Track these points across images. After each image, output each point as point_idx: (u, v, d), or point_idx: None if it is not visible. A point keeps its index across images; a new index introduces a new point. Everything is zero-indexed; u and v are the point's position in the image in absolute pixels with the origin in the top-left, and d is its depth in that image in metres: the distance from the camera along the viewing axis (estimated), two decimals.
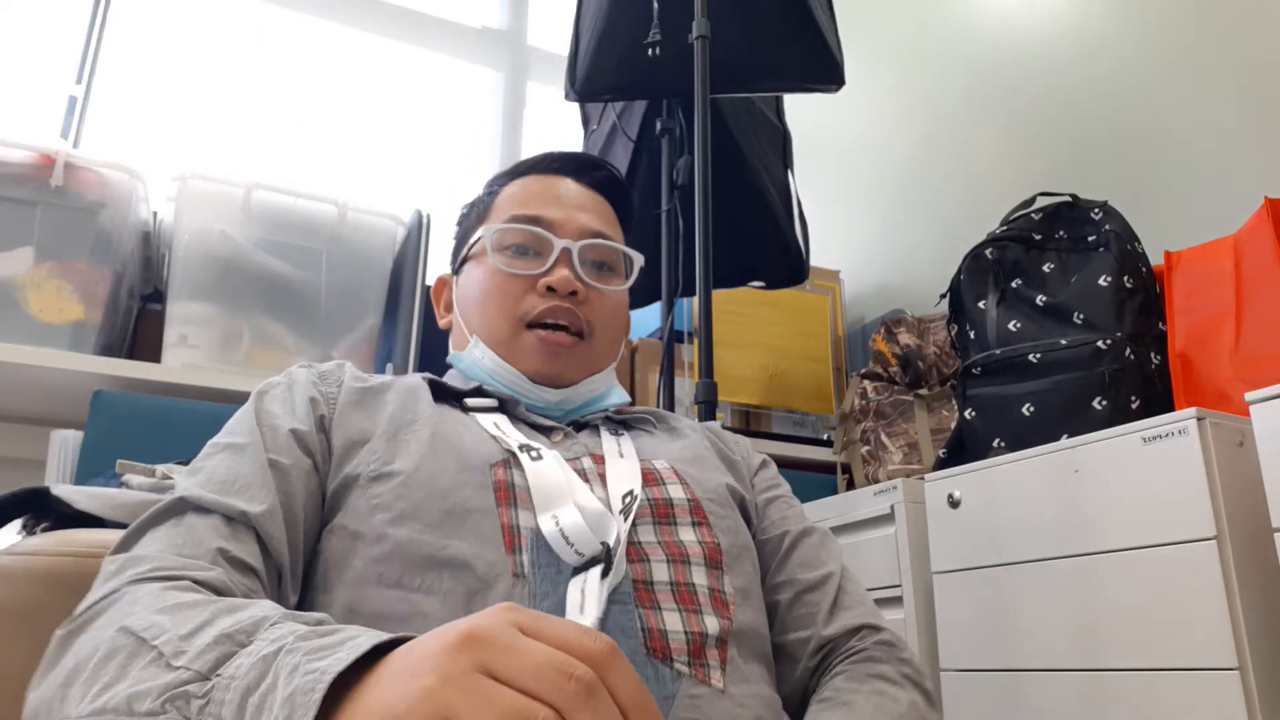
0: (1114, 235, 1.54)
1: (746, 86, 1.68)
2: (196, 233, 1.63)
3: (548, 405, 0.84)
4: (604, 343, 0.88)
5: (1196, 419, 1.14)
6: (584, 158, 0.96)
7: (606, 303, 0.88)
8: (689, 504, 0.77)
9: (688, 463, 0.82)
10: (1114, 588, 1.18)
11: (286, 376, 0.80)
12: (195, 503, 0.66)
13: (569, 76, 1.70)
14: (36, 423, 1.66)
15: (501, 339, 0.84)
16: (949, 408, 1.93)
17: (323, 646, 0.44)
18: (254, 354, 1.63)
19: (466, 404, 0.82)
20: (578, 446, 0.80)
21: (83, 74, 2.04)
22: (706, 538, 0.75)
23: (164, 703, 0.46)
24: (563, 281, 0.83)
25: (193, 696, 0.46)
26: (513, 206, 0.89)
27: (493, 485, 0.70)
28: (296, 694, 0.41)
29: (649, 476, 0.78)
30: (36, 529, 0.80)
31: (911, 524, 1.52)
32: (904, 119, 2.56)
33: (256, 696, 0.44)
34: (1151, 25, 1.91)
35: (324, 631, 0.46)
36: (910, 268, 2.43)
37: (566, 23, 1.72)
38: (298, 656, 0.44)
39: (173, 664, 0.48)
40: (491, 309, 0.85)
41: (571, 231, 0.87)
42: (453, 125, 2.64)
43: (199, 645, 0.48)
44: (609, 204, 0.95)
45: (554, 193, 0.90)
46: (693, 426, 0.93)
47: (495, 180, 0.96)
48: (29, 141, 1.55)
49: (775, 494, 0.90)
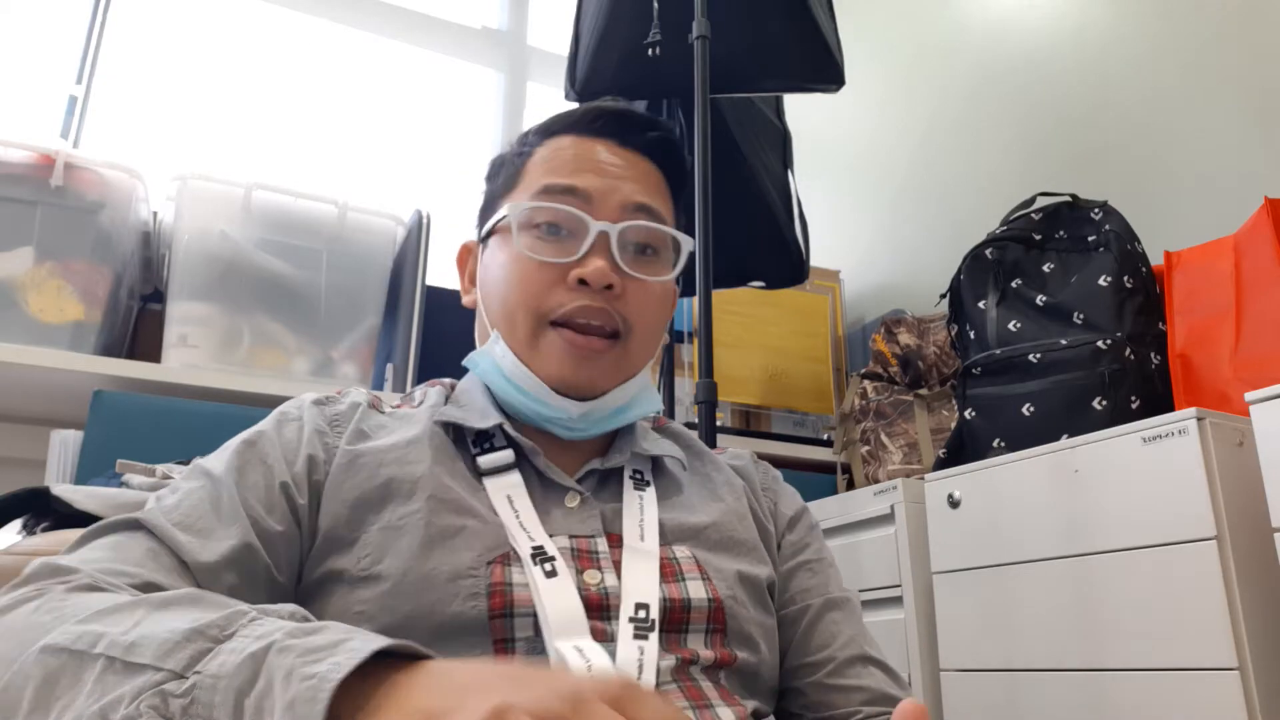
0: (1114, 235, 1.54)
1: (746, 86, 1.67)
2: (196, 233, 1.63)
3: (570, 419, 0.74)
4: (641, 343, 0.76)
5: (1196, 419, 1.14)
6: (631, 115, 0.81)
7: (648, 295, 0.76)
8: (708, 606, 0.69)
9: (714, 546, 0.74)
10: (1114, 588, 1.18)
11: (298, 411, 0.73)
12: (149, 527, 0.61)
13: (569, 76, 1.70)
14: (36, 423, 1.66)
15: (523, 338, 0.74)
16: (949, 408, 1.93)
17: (316, 647, 0.42)
18: (254, 354, 1.63)
19: (480, 465, 0.72)
20: (592, 520, 0.71)
21: (83, 74, 2.04)
22: (720, 650, 0.69)
23: (139, 704, 0.42)
24: (597, 274, 0.72)
25: (170, 695, 0.42)
26: (545, 174, 0.77)
27: (486, 591, 0.63)
28: (297, 703, 0.39)
29: (667, 570, 0.70)
30: (36, 529, 0.80)
31: (911, 524, 1.52)
32: (904, 119, 2.56)
33: (253, 699, 0.41)
34: (1152, 26, 1.91)
35: (311, 629, 0.44)
36: (910, 268, 2.43)
37: (566, 23, 1.72)
38: (291, 658, 0.42)
39: (133, 663, 0.44)
40: (514, 302, 0.74)
41: (612, 208, 0.75)
42: (453, 125, 2.64)
43: (159, 641, 0.45)
44: (660, 171, 0.81)
45: (593, 159, 0.77)
46: (729, 479, 0.82)
47: (529, 136, 0.82)
48: (29, 141, 1.55)
49: (800, 560, 0.82)
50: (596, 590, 0.66)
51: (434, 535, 0.65)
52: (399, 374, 1.70)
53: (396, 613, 0.62)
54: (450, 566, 0.64)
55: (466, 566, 0.64)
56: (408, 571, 0.63)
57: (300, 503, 0.67)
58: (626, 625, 0.64)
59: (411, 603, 0.62)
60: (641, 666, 0.62)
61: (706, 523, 0.75)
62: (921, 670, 1.44)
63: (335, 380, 1.69)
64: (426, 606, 0.62)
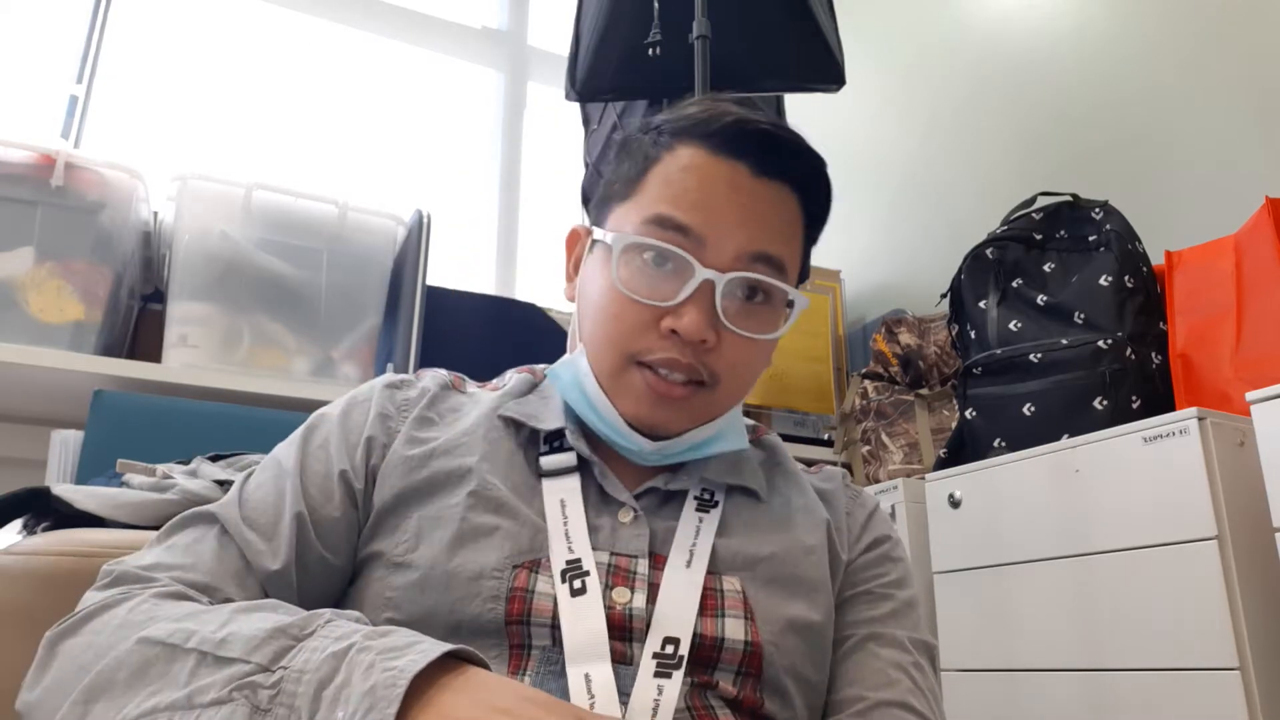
0: (1115, 235, 1.54)
1: (747, 86, 1.67)
2: (197, 233, 1.63)
3: (643, 452, 0.70)
4: (729, 393, 0.71)
5: (1197, 419, 1.14)
6: (775, 137, 0.71)
7: (744, 350, 0.69)
8: (744, 650, 0.64)
9: (770, 583, 0.68)
10: (1114, 588, 1.18)
11: (368, 394, 0.74)
12: (224, 523, 0.66)
13: (569, 76, 1.70)
14: (37, 423, 1.66)
15: (607, 370, 0.69)
16: (949, 408, 1.93)
17: (394, 647, 0.49)
18: (254, 354, 1.63)
19: (541, 465, 0.70)
20: (639, 539, 0.68)
21: (83, 74, 2.04)
22: (748, 693, 0.64)
23: (231, 691, 0.49)
24: (691, 328, 0.65)
25: (259, 686, 0.49)
26: (660, 199, 0.69)
27: (506, 595, 0.62)
28: (378, 688, 0.46)
29: (708, 602, 0.65)
30: (37, 529, 0.80)
31: (912, 524, 1.52)
32: (904, 119, 2.56)
33: (332, 689, 0.47)
34: (1152, 26, 1.91)
35: (383, 633, 0.51)
36: (911, 268, 2.43)
37: (567, 23, 1.72)
38: (372, 655, 0.48)
39: (223, 657, 0.50)
40: (603, 334, 0.69)
41: (726, 254, 0.67)
42: (453, 125, 2.64)
43: (246, 638, 0.51)
44: (797, 202, 0.72)
45: (719, 190, 0.69)
46: (809, 505, 0.76)
47: (661, 132, 0.73)
48: (29, 141, 1.55)
49: (862, 588, 0.74)
50: (622, 610, 0.63)
51: (466, 532, 0.65)
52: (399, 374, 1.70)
53: (418, 605, 0.63)
54: (475, 566, 0.64)
55: (491, 568, 0.63)
56: (435, 565, 0.64)
57: (358, 488, 0.69)
58: (649, 661, 0.61)
59: (434, 597, 0.63)
60: (657, 710, 0.59)
61: (767, 554, 0.70)
62: None
63: (335, 380, 1.69)
64: (447, 604, 0.63)
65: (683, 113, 0.73)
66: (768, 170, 0.70)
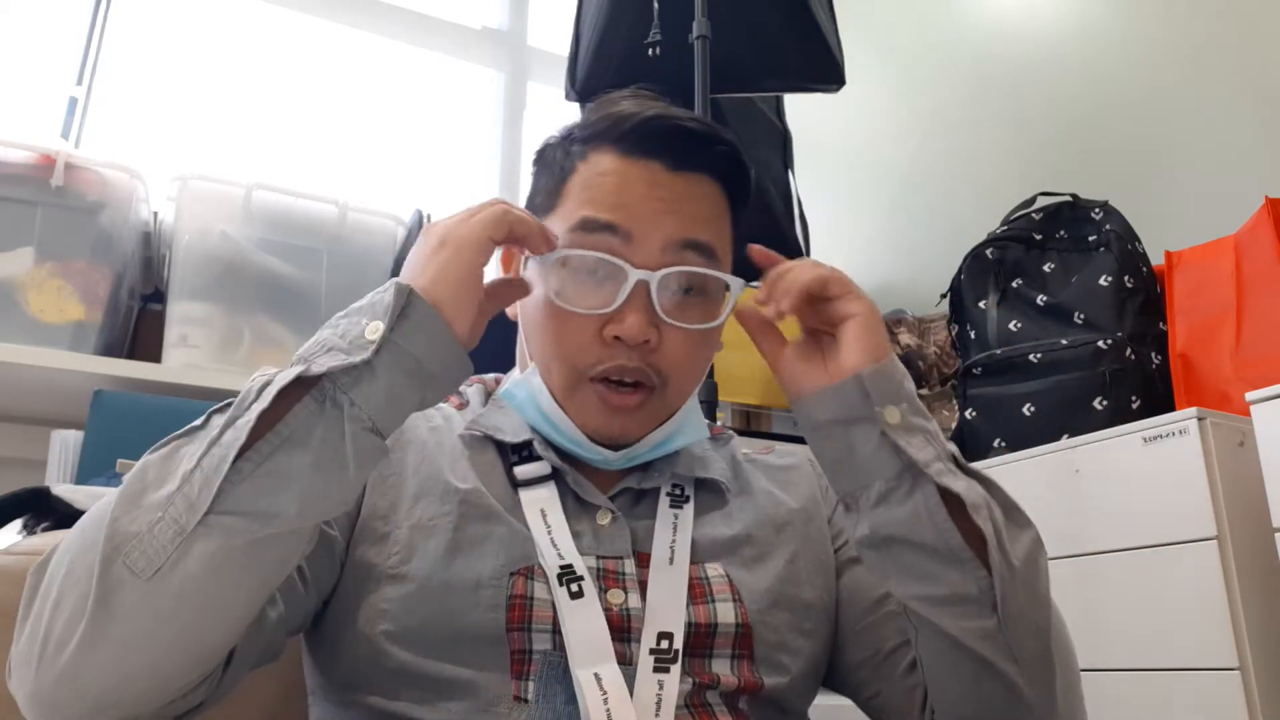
0: (1115, 235, 1.54)
1: (747, 86, 1.67)
2: (197, 233, 1.63)
3: (608, 460, 0.72)
4: (678, 389, 0.72)
5: (1197, 419, 1.14)
6: (684, 132, 0.71)
7: (688, 343, 0.70)
8: (735, 631, 0.67)
9: (749, 562, 0.71)
10: (1114, 588, 1.18)
11: None
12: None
13: (569, 76, 1.70)
14: (36, 423, 1.66)
15: (559, 387, 0.70)
16: (949, 408, 1.93)
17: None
18: (254, 354, 1.63)
19: (516, 475, 0.71)
20: (621, 540, 0.69)
21: (83, 74, 2.04)
22: (745, 675, 0.66)
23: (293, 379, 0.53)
24: (633, 331, 0.66)
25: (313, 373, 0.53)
26: (582, 204, 0.70)
27: (506, 603, 0.63)
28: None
29: (696, 590, 0.67)
30: (37, 529, 0.80)
31: None
32: (904, 119, 2.56)
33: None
34: (1153, 26, 1.91)
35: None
36: (910, 268, 2.43)
37: (567, 23, 1.72)
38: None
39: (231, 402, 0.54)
40: (550, 352, 0.70)
41: (654, 248, 0.68)
42: (453, 125, 2.63)
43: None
44: (719, 189, 0.73)
45: (637, 189, 0.69)
46: (781, 483, 0.79)
47: (573, 141, 0.74)
48: (29, 141, 1.55)
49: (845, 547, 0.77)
50: (619, 611, 0.65)
51: (460, 541, 0.66)
52: None
53: (415, 616, 0.63)
54: (473, 575, 0.64)
55: (489, 576, 0.64)
56: (431, 575, 0.64)
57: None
58: (647, 657, 0.63)
59: (431, 607, 0.63)
60: (660, 703, 0.61)
61: (744, 536, 0.73)
62: None
63: None
64: (446, 613, 0.63)
65: (592, 118, 0.74)
66: (683, 164, 0.71)
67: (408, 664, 0.62)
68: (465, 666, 0.62)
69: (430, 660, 0.62)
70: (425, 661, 0.62)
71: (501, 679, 0.62)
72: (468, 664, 0.62)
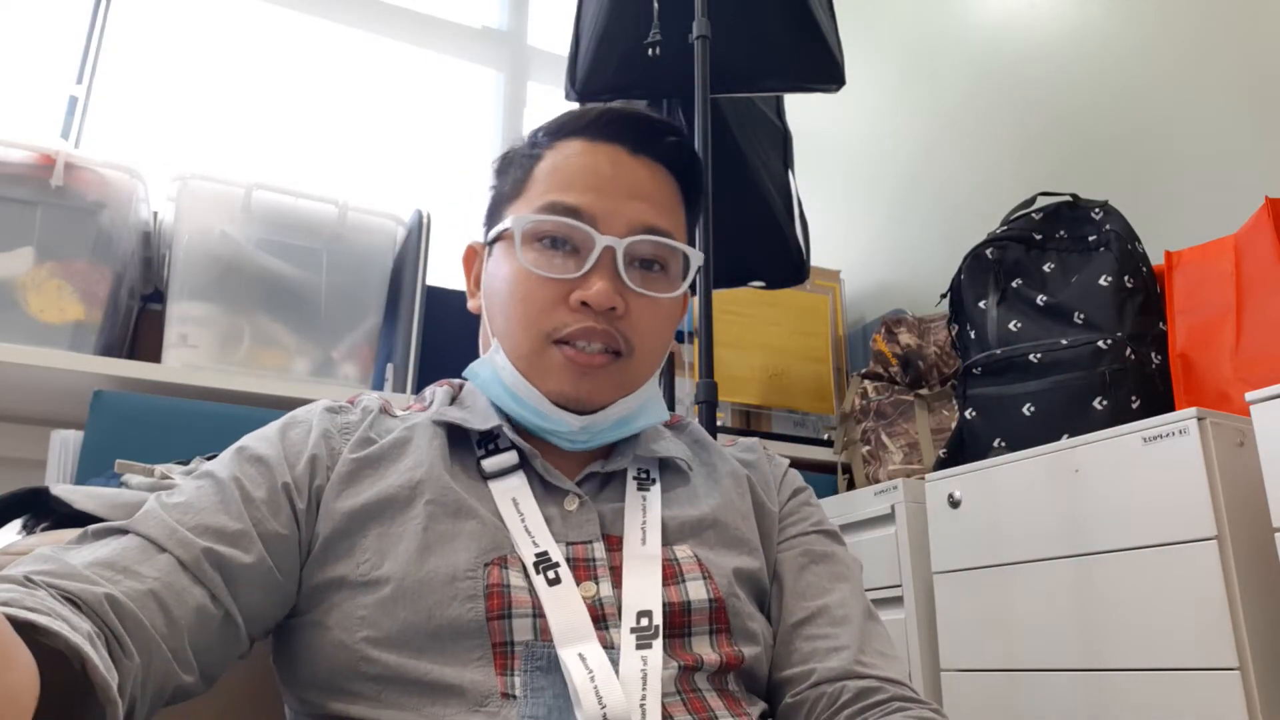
0: (1114, 235, 1.54)
1: (747, 86, 1.67)
2: (197, 233, 1.63)
3: (570, 432, 0.73)
4: (644, 360, 0.74)
5: (1197, 419, 1.14)
6: (644, 121, 0.77)
7: (654, 313, 0.74)
8: (709, 607, 0.68)
9: (715, 543, 0.73)
10: (1114, 588, 1.18)
11: (308, 416, 0.73)
12: (143, 535, 0.61)
13: (569, 76, 1.70)
14: (36, 423, 1.66)
15: (524, 353, 0.72)
16: (949, 408, 1.93)
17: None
18: (254, 354, 1.64)
19: (484, 468, 0.72)
20: (590, 524, 0.70)
21: (83, 74, 2.04)
22: (726, 649, 0.68)
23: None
24: (600, 297, 0.69)
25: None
26: (550, 187, 0.74)
27: (484, 592, 0.63)
28: None
29: (668, 572, 0.69)
30: (36, 529, 0.80)
31: (912, 524, 1.52)
32: (905, 119, 2.56)
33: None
34: (1152, 26, 1.91)
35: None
36: (910, 268, 2.43)
37: (566, 23, 1.72)
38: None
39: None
40: (516, 318, 0.73)
41: (618, 225, 0.72)
42: (453, 125, 2.64)
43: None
44: (674, 180, 0.78)
45: (602, 172, 0.74)
46: (734, 470, 0.81)
47: (539, 136, 0.79)
48: (29, 141, 1.55)
49: (790, 529, 0.80)
50: (591, 601, 0.65)
51: (431, 539, 0.65)
52: (399, 374, 1.70)
53: (394, 619, 0.63)
54: (448, 569, 0.64)
55: (464, 569, 0.64)
56: (406, 576, 0.64)
57: (300, 506, 0.67)
58: (629, 636, 0.64)
59: (409, 607, 0.63)
60: (646, 678, 0.62)
61: (707, 515, 0.75)
62: (922, 670, 1.44)
63: (335, 380, 1.69)
64: (424, 610, 0.63)
65: (556, 119, 0.80)
66: (644, 149, 0.76)
67: (391, 668, 0.62)
68: (449, 665, 0.62)
69: (413, 661, 0.62)
70: (409, 663, 0.62)
71: (486, 676, 0.61)
72: (451, 662, 0.62)
